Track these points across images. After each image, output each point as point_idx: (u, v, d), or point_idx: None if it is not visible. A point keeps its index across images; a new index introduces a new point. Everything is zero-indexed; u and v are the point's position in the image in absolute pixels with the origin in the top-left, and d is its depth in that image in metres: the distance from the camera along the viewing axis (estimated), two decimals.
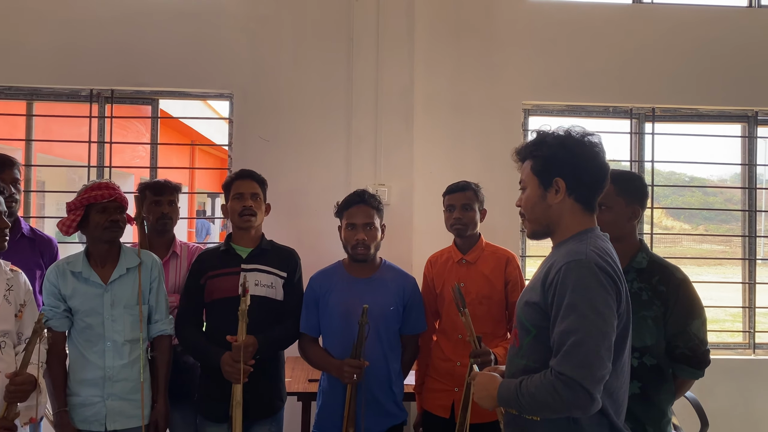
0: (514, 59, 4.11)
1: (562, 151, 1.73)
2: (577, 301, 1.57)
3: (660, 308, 2.10)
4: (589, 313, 1.55)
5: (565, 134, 1.76)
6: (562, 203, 1.75)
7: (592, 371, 1.53)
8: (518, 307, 1.81)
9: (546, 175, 1.75)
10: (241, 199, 2.68)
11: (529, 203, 1.80)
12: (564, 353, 1.55)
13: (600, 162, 1.75)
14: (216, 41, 3.94)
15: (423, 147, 3.97)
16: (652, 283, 2.12)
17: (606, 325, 1.56)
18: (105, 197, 2.50)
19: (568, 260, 1.63)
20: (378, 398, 2.61)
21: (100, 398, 2.51)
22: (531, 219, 1.82)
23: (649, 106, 4.27)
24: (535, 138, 1.81)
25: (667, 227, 20.85)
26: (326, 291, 2.68)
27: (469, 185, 2.80)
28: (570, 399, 1.54)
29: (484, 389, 1.78)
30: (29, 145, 4.10)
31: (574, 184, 1.73)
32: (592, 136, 1.76)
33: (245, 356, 2.43)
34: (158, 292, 2.66)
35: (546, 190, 1.76)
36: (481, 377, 1.82)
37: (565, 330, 1.57)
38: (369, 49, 3.87)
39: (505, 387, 1.70)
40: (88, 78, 3.91)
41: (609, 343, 1.57)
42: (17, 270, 2.40)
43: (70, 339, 2.57)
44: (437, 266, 2.88)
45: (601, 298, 1.58)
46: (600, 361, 1.54)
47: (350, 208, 2.67)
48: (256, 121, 3.94)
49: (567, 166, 1.73)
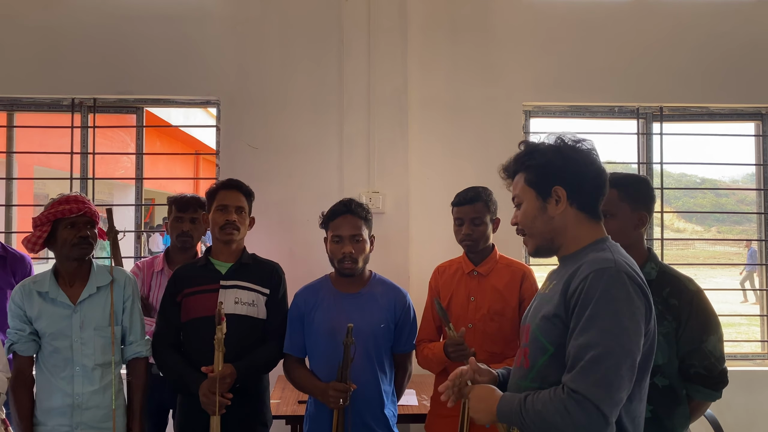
0: (514, 58, 3.94)
1: (558, 157, 1.60)
2: (601, 313, 1.42)
3: (672, 323, 1.94)
4: (613, 327, 1.41)
5: (557, 140, 1.63)
6: (565, 213, 1.61)
7: (610, 392, 1.38)
8: (532, 323, 1.63)
9: (543, 184, 1.61)
10: (224, 212, 2.52)
11: (528, 218, 1.65)
12: (581, 369, 1.40)
13: (598, 166, 1.62)
14: (201, 46, 3.81)
15: (418, 151, 3.80)
16: (663, 295, 1.97)
17: (631, 342, 1.41)
18: (74, 212, 2.35)
19: (596, 268, 1.48)
20: (368, 423, 2.43)
21: (68, 428, 2.35)
22: (533, 234, 1.66)
23: (657, 105, 4.08)
24: (524, 149, 1.67)
25: (679, 230, 20.65)
26: (312, 308, 2.51)
27: (479, 196, 2.57)
28: (582, 421, 1.38)
29: (481, 402, 1.61)
30: (10, 158, 3.96)
31: (574, 192, 1.60)
32: (585, 142, 1.63)
33: (222, 388, 2.28)
34: (132, 311, 2.50)
35: (545, 201, 1.62)
36: (479, 389, 1.66)
37: (585, 344, 1.41)
38: (360, 49, 3.72)
39: (507, 401, 1.54)
40: (70, 87, 3.80)
41: (632, 363, 1.42)
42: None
43: (37, 364, 2.42)
44: (445, 277, 2.68)
45: (629, 312, 1.43)
46: (620, 382, 1.39)
47: (336, 218, 2.49)
48: (244, 127, 3.79)
49: (565, 173, 1.59)
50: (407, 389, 3.12)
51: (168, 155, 11.01)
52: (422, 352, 2.55)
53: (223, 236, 2.51)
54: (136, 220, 4.03)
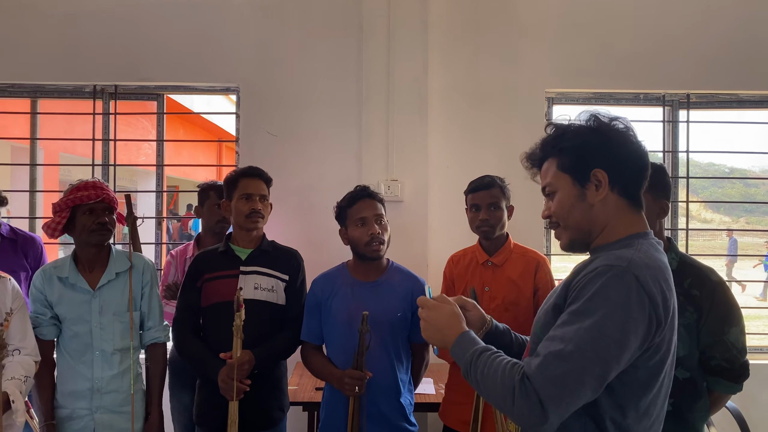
0: (537, 44, 3.86)
1: (596, 137, 1.41)
2: (587, 311, 1.26)
3: (693, 315, 1.90)
4: (593, 330, 1.24)
5: (591, 118, 1.44)
6: (606, 200, 1.41)
7: (562, 394, 1.24)
8: (536, 318, 1.52)
9: (581, 168, 1.41)
10: (249, 200, 2.52)
11: (565, 207, 1.44)
12: (543, 360, 1.27)
13: (639, 146, 1.44)
14: (221, 33, 3.80)
15: (438, 140, 3.76)
16: (684, 286, 1.92)
17: (608, 351, 1.24)
18: (92, 198, 2.37)
19: (604, 263, 1.32)
20: (384, 412, 2.42)
21: (88, 411, 2.38)
22: (570, 226, 1.45)
23: (684, 92, 3.97)
24: (554, 132, 1.47)
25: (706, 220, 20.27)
26: (329, 295, 2.50)
27: (494, 181, 2.55)
28: (522, 409, 1.27)
29: (437, 331, 1.51)
30: (34, 144, 4.01)
31: (616, 175, 1.40)
32: (622, 120, 1.44)
33: (240, 374, 2.29)
34: (151, 297, 2.52)
35: (584, 187, 1.41)
36: (437, 313, 1.52)
37: (559, 336, 1.28)
38: (380, 37, 3.67)
39: (464, 343, 1.44)
40: (92, 73, 3.81)
41: (603, 373, 1.25)
42: (5, 276, 2.28)
43: (58, 348, 2.45)
44: (460, 267, 2.65)
45: (620, 320, 1.25)
46: (578, 389, 1.25)
47: (356, 203, 2.47)
48: (264, 114, 3.78)
49: (605, 154, 1.40)
50: (425, 378, 3.11)
51: (191, 143, 11.08)
52: None
53: (249, 224, 2.51)
54: (156, 206, 4.05)
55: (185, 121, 10.07)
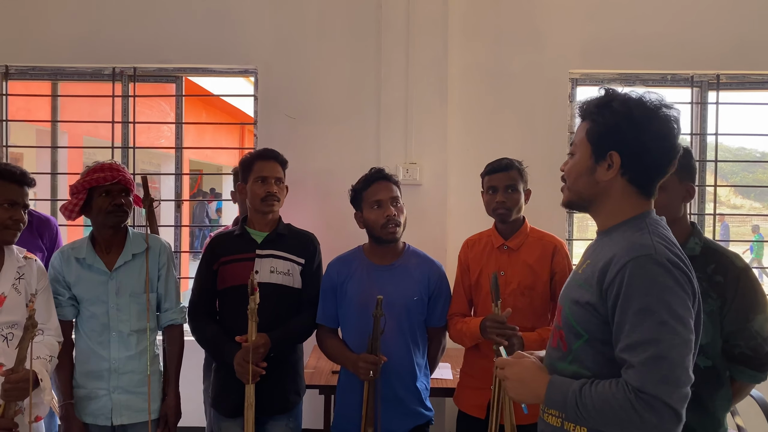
0: (561, 23, 3.77)
1: (626, 122, 1.43)
2: (652, 305, 1.32)
3: (716, 302, 1.85)
4: (668, 319, 1.31)
5: (636, 101, 1.44)
6: (612, 182, 1.47)
7: (678, 387, 1.29)
8: (565, 305, 1.53)
9: (601, 145, 1.46)
10: (265, 183, 2.49)
11: (574, 172, 1.52)
12: (643, 367, 1.30)
13: (670, 142, 1.45)
14: (239, 14, 3.78)
15: (458, 121, 3.70)
16: (707, 272, 1.86)
17: (688, 331, 1.32)
18: (108, 179, 2.37)
19: (635, 255, 1.36)
20: (400, 396, 2.41)
21: (105, 391, 2.40)
22: (572, 189, 1.55)
23: (713, 73, 3.85)
24: (602, 97, 1.49)
25: (736, 206, 19.83)
26: (344, 279, 2.48)
27: (512, 163, 2.50)
28: (653, 421, 1.28)
29: (523, 386, 1.52)
30: (55, 127, 4.04)
31: (631, 163, 1.44)
32: (668, 109, 1.44)
33: (255, 358, 2.28)
34: (167, 279, 2.52)
35: (597, 163, 1.47)
36: (519, 368, 1.54)
37: (641, 340, 1.31)
38: (399, 17, 3.62)
39: (557, 388, 1.43)
40: (111, 56, 3.82)
41: (691, 354, 1.33)
42: (32, 257, 2.30)
43: (76, 329, 2.47)
44: (475, 251, 2.60)
45: (680, 300, 1.33)
46: (686, 375, 1.31)
47: (371, 185, 2.44)
48: (281, 97, 3.76)
49: (627, 141, 1.43)
50: (442, 363, 3.09)
51: (214, 127, 11.13)
52: (455, 326, 2.50)
53: (265, 207, 2.49)
54: (176, 189, 4.06)
55: (208, 105, 10.10)
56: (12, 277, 2.18)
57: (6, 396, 2.01)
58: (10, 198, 2.15)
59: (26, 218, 2.23)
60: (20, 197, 2.18)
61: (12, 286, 2.17)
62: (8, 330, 2.15)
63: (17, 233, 2.19)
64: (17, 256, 2.23)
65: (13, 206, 2.15)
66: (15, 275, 2.19)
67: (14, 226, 2.16)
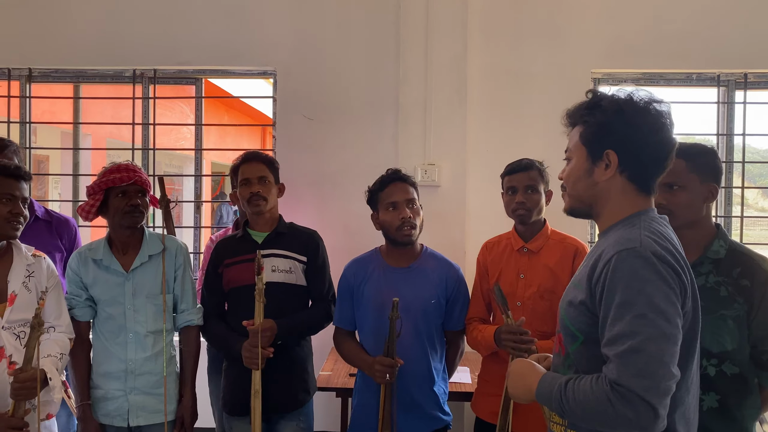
0: (583, 21, 3.71)
1: (618, 119, 1.43)
2: (632, 298, 1.30)
3: (743, 306, 1.79)
4: (648, 312, 1.28)
5: (625, 98, 1.45)
6: (612, 181, 1.46)
7: (655, 382, 1.26)
8: (561, 308, 1.52)
9: (596, 145, 1.46)
10: (248, 185, 2.51)
11: (572, 177, 1.53)
12: (620, 360, 1.28)
13: (664, 136, 1.44)
14: (258, 16, 3.78)
15: (477, 122, 3.65)
16: (733, 276, 1.82)
17: (670, 325, 1.29)
18: (124, 180, 2.37)
19: (619, 249, 1.35)
20: (417, 400, 2.37)
21: (122, 392, 2.40)
22: (571, 194, 1.55)
23: (740, 72, 3.76)
24: (590, 100, 1.51)
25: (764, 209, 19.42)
26: (361, 281, 2.46)
27: (532, 164, 2.46)
28: (629, 415, 1.26)
29: (521, 379, 1.53)
30: (77, 128, 4.08)
31: (628, 160, 1.44)
32: (659, 104, 1.44)
33: (263, 341, 2.29)
34: (184, 280, 2.52)
35: (594, 164, 1.47)
36: (519, 364, 1.57)
37: (620, 333, 1.30)
38: (418, 15, 3.59)
39: (547, 382, 1.45)
40: (131, 58, 3.85)
41: (675, 348, 1.30)
42: (40, 255, 2.30)
43: (94, 329, 2.48)
44: (494, 253, 2.56)
45: (662, 294, 1.30)
46: (665, 370, 1.27)
47: (387, 186, 2.42)
48: (300, 98, 3.75)
49: (622, 138, 1.43)
50: (461, 367, 3.05)
51: (235, 129, 11.20)
52: (471, 333, 2.46)
53: (252, 208, 2.51)
54: (195, 191, 4.07)
55: (229, 107, 10.15)
56: (22, 275, 2.18)
57: (15, 395, 2.01)
58: (8, 192, 2.13)
59: (27, 212, 2.22)
60: (17, 190, 2.17)
61: (22, 284, 2.17)
62: (20, 328, 2.15)
63: (19, 227, 2.18)
64: (26, 254, 2.23)
65: (12, 200, 2.14)
66: (25, 273, 2.19)
67: (15, 219, 2.15)
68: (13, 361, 2.10)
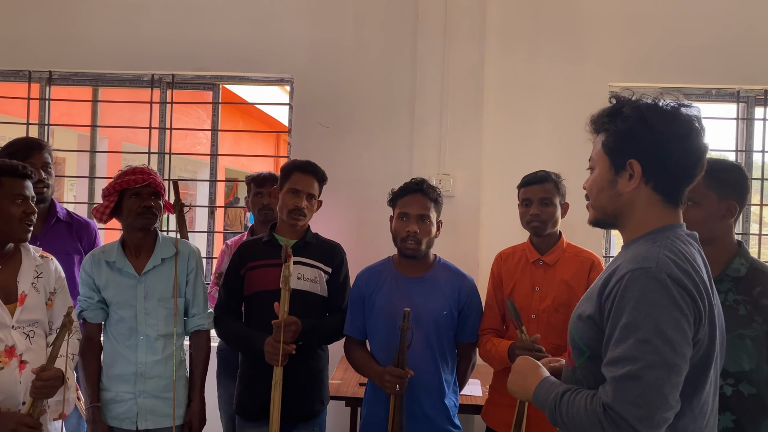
0: (601, 34, 3.68)
1: (641, 127, 1.35)
2: (639, 321, 1.24)
3: (762, 326, 1.75)
4: (653, 338, 1.22)
5: (648, 104, 1.38)
6: (636, 192, 1.39)
7: (650, 412, 1.20)
8: (571, 321, 1.49)
9: (618, 155, 1.39)
10: (296, 196, 2.48)
11: (596, 187, 1.45)
12: (617, 385, 1.24)
13: (693, 144, 1.35)
14: (276, 23, 3.79)
15: (493, 133, 3.63)
16: (753, 295, 1.77)
17: (675, 355, 1.22)
18: (138, 182, 2.38)
19: (633, 267, 1.28)
20: (427, 412, 2.35)
21: (131, 395, 2.40)
22: (595, 206, 1.48)
23: (761, 88, 3.72)
24: (613, 105, 1.44)
25: None
26: (373, 290, 2.44)
27: (548, 176, 2.45)
28: None
29: (522, 378, 1.51)
30: (94, 132, 4.11)
31: (653, 169, 1.36)
32: (688, 109, 1.37)
33: (287, 336, 2.27)
34: (195, 284, 2.52)
35: (617, 174, 1.40)
36: (523, 362, 1.54)
37: (621, 356, 1.24)
38: (436, 25, 3.58)
39: (545, 389, 1.42)
40: (150, 63, 3.87)
41: (677, 379, 1.23)
42: (48, 256, 2.30)
43: (105, 331, 2.48)
44: (508, 265, 2.54)
45: (672, 320, 1.23)
46: (662, 401, 1.21)
47: (405, 195, 2.41)
48: (316, 105, 3.75)
49: (645, 146, 1.35)
50: (472, 379, 3.01)
51: (250, 135, 11.24)
52: (485, 346, 2.43)
53: (290, 220, 2.49)
54: (209, 196, 4.09)
55: (245, 114, 10.20)
56: (31, 276, 2.18)
57: (36, 393, 2.02)
58: (20, 192, 2.13)
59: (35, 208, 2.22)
60: (28, 190, 2.16)
61: (31, 285, 2.17)
62: (29, 328, 2.15)
63: (31, 229, 2.17)
64: (34, 255, 2.24)
65: (24, 201, 2.14)
66: (33, 274, 2.20)
67: (28, 219, 2.14)
68: (23, 360, 2.10)
